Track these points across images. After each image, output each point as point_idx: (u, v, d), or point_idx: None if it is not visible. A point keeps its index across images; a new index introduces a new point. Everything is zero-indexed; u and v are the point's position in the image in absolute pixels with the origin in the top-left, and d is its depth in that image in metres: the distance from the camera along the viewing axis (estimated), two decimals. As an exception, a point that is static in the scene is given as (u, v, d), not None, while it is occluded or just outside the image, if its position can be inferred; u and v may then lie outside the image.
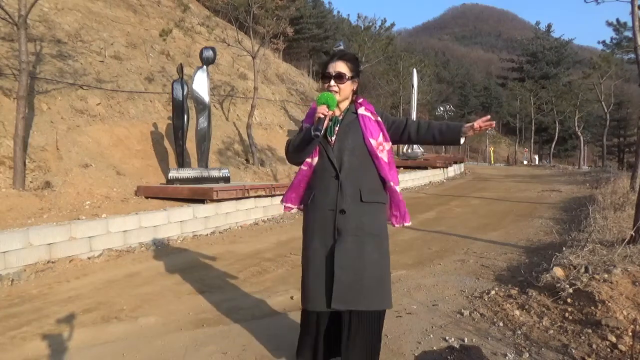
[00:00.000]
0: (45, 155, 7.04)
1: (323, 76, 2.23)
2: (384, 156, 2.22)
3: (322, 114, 2.05)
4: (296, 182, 2.34)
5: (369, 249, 2.17)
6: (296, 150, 2.23)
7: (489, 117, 2.15)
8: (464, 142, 2.23)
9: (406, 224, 2.38)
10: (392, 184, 2.25)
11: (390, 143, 2.26)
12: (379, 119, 2.25)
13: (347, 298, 2.13)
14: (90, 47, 10.41)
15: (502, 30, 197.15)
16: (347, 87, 2.21)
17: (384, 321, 2.31)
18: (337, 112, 2.24)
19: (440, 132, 2.22)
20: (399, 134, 2.28)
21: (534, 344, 2.83)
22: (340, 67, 2.19)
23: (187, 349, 2.89)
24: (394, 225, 2.37)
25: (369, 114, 2.24)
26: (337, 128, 2.23)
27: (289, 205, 2.41)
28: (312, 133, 2.02)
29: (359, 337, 2.21)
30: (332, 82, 2.18)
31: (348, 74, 2.19)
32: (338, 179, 2.18)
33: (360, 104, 2.27)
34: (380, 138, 2.22)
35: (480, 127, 2.12)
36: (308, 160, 2.26)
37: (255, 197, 7.81)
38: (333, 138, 2.22)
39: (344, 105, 2.27)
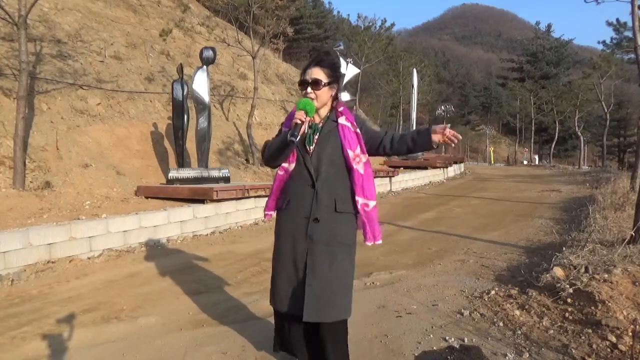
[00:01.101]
0: (45, 155, 7.04)
1: (300, 82, 2.22)
2: (359, 168, 2.20)
3: (300, 119, 2.05)
4: (275, 188, 2.35)
5: (340, 258, 2.18)
6: (272, 154, 2.23)
7: (454, 133, 2.09)
8: (437, 146, 2.17)
9: (369, 243, 2.27)
10: (359, 198, 2.21)
11: (367, 155, 2.25)
12: (358, 130, 2.24)
13: (319, 310, 2.14)
14: (90, 47, 10.41)
15: (502, 30, 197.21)
16: (324, 94, 2.19)
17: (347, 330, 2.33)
18: (317, 119, 2.24)
19: (412, 139, 2.19)
20: (375, 147, 2.27)
21: (534, 344, 2.83)
22: (317, 73, 2.17)
23: (187, 349, 2.89)
24: (364, 241, 2.31)
25: (349, 125, 2.23)
26: (316, 136, 2.22)
27: (270, 212, 2.41)
28: (288, 138, 2.02)
29: (331, 347, 2.22)
30: (309, 89, 2.17)
31: (324, 80, 2.17)
32: (314, 188, 2.19)
33: (341, 113, 2.25)
34: (358, 150, 2.21)
35: (447, 137, 2.08)
36: (285, 165, 2.26)
37: (255, 197, 7.81)
38: (312, 147, 2.21)
39: (323, 112, 2.25)
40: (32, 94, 7.65)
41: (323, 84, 2.17)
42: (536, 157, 40.56)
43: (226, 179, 8.20)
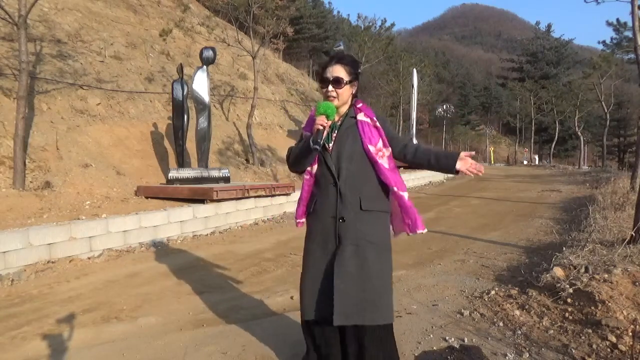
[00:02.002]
0: (45, 155, 7.04)
1: (321, 80, 2.17)
2: (384, 162, 2.15)
3: (321, 125, 2.01)
4: (304, 194, 2.28)
5: (370, 259, 2.09)
6: (296, 161, 2.19)
7: (478, 166, 2.11)
8: (458, 172, 2.13)
9: (419, 231, 2.22)
10: (395, 189, 2.17)
11: (390, 149, 2.20)
12: (378, 124, 2.18)
13: (349, 312, 2.03)
14: (90, 47, 10.41)
15: (502, 30, 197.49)
16: (346, 92, 2.14)
17: (394, 336, 2.22)
18: (336, 118, 2.18)
19: (436, 157, 2.17)
20: (396, 152, 2.22)
21: (534, 344, 2.83)
22: (338, 71, 2.12)
23: (187, 349, 2.89)
24: (407, 234, 2.28)
25: (368, 120, 2.18)
26: (334, 134, 2.17)
27: (302, 220, 2.33)
28: (312, 145, 1.98)
29: (368, 355, 2.11)
30: (330, 87, 2.11)
31: (346, 78, 2.12)
32: (336, 186, 2.13)
33: (360, 109, 2.21)
34: (380, 144, 2.15)
35: (472, 169, 2.10)
36: (309, 169, 2.22)
37: (255, 197, 7.81)
38: (331, 145, 2.16)
39: (343, 109, 2.21)
40: (32, 94, 7.66)
41: (345, 82, 2.11)
42: (536, 157, 40.58)
43: (226, 179, 8.21)
